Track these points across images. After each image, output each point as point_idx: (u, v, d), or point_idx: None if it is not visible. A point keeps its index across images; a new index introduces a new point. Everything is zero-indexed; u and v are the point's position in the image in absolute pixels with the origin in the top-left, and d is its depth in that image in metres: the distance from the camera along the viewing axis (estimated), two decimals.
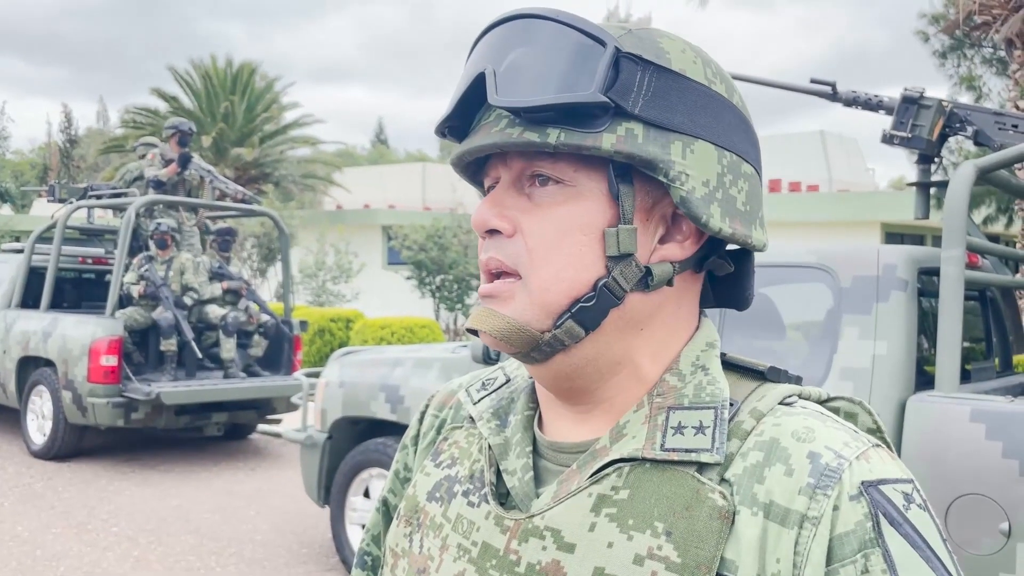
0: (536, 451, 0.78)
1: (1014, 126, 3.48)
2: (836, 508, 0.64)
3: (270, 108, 21.99)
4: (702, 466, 0.68)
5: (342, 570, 4.85)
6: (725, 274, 0.79)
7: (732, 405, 0.72)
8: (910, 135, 3.62)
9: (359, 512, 4.63)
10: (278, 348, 8.36)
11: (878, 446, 0.69)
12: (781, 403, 0.72)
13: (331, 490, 4.73)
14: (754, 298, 0.83)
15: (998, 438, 2.55)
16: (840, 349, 3.01)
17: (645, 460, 0.70)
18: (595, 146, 0.68)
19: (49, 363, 7.56)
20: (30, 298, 8.43)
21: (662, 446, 0.69)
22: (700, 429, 0.69)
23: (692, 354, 0.75)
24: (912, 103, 3.63)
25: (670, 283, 0.73)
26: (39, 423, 7.64)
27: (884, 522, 0.64)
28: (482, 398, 0.84)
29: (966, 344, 3.37)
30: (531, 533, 0.71)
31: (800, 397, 0.74)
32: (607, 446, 0.72)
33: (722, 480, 0.68)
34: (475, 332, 0.74)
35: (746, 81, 4.30)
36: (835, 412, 0.75)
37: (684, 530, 0.66)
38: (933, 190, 3.82)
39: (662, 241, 0.73)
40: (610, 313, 0.72)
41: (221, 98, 20.94)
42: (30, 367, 7.85)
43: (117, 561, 4.95)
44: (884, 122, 3.84)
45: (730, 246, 0.77)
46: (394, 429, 4.52)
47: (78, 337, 7.24)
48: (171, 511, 5.97)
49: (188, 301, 7.99)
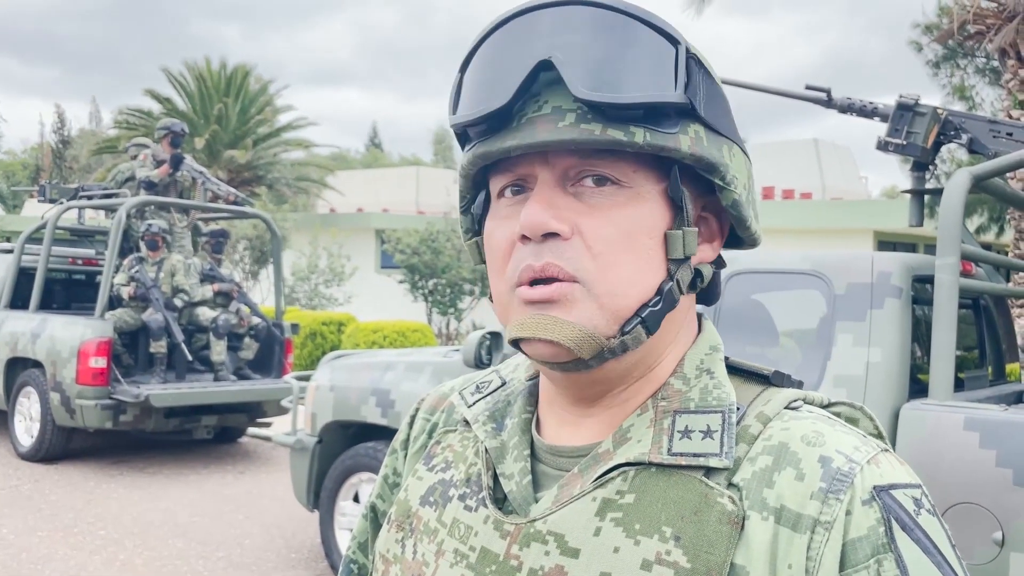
0: (533, 455, 0.76)
1: (1008, 134, 3.48)
2: (849, 513, 0.63)
3: (264, 110, 21.93)
4: (709, 470, 0.67)
5: (331, 575, 4.81)
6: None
7: (738, 409, 0.71)
8: (905, 142, 3.62)
9: (348, 517, 4.59)
10: (269, 351, 8.34)
11: (886, 450, 0.69)
12: (787, 407, 0.72)
13: (320, 494, 4.71)
14: (748, 305, 0.82)
15: (992, 447, 2.54)
16: (834, 356, 2.99)
17: (651, 464, 0.69)
18: (675, 148, 0.67)
19: (37, 364, 7.51)
20: (19, 299, 8.38)
21: (669, 450, 0.69)
22: (708, 433, 0.69)
23: (696, 357, 0.75)
24: (907, 110, 3.63)
25: None
26: (27, 425, 7.59)
27: (896, 527, 0.63)
28: (477, 401, 0.83)
29: (960, 352, 3.36)
30: (533, 538, 0.70)
31: (804, 402, 0.74)
32: (610, 450, 0.71)
33: (730, 484, 0.67)
34: (517, 344, 0.70)
35: (742, 87, 4.30)
36: (836, 417, 0.74)
37: (693, 535, 0.65)
38: (927, 198, 3.82)
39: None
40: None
41: (215, 100, 20.87)
42: (18, 368, 7.80)
43: (103, 565, 4.90)
44: (878, 130, 3.84)
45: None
46: (385, 433, 4.50)
47: (67, 338, 7.20)
48: (159, 514, 5.93)
49: (179, 303, 7.96)
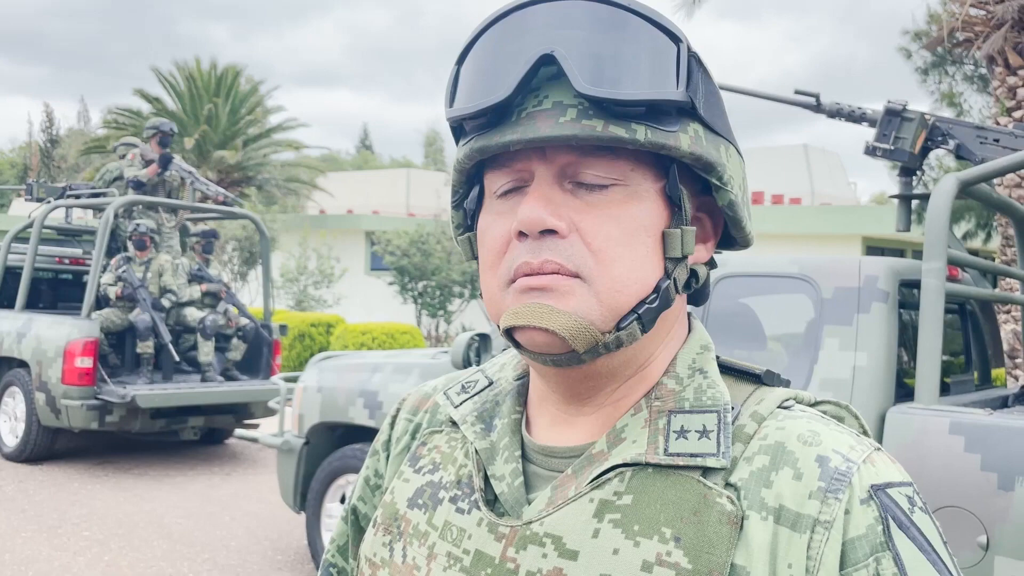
0: (524, 456, 0.76)
1: (996, 140, 3.50)
2: (848, 512, 0.64)
3: (254, 111, 21.85)
4: (706, 471, 0.67)
5: None
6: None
7: (732, 409, 0.71)
8: (893, 147, 3.63)
9: (335, 519, 4.58)
10: (257, 352, 8.31)
11: (879, 449, 0.70)
12: (779, 407, 0.72)
13: (307, 496, 4.69)
14: (736, 308, 0.82)
15: (976, 451, 2.55)
16: (820, 360, 3.00)
17: (648, 465, 0.68)
18: (676, 146, 0.67)
19: (23, 364, 7.46)
20: (5, 298, 8.33)
21: (666, 451, 0.68)
22: (704, 433, 0.68)
23: (688, 357, 0.74)
24: (895, 115, 3.64)
25: None
26: (11, 425, 7.54)
27: (893, 526, 0.64)
28: (464, 401, 0.81)
29: (945, 357, 3.37)
30: (529, 540, 0.69)
31: (795, 401, 0.74)
32: (605, 450, 0.70)
33: (727, 484, 0.67)
34: (510, 333, 0.69)
35: (732, 91, 4.31)
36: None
37: (693, 536, 0.64)
38: (914, 203, 3.84)
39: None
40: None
41: (205, 100, 20.79)
42: (3, 368, 7.75)
43: (88, 566, 4.87)
44: (867, 135, 3.86)
45: None
46: (372, 435, 4.49)
47: (53, 338, 7.15)
48: (144, 516, 5.89)
49: (166, 303, 7.92)
